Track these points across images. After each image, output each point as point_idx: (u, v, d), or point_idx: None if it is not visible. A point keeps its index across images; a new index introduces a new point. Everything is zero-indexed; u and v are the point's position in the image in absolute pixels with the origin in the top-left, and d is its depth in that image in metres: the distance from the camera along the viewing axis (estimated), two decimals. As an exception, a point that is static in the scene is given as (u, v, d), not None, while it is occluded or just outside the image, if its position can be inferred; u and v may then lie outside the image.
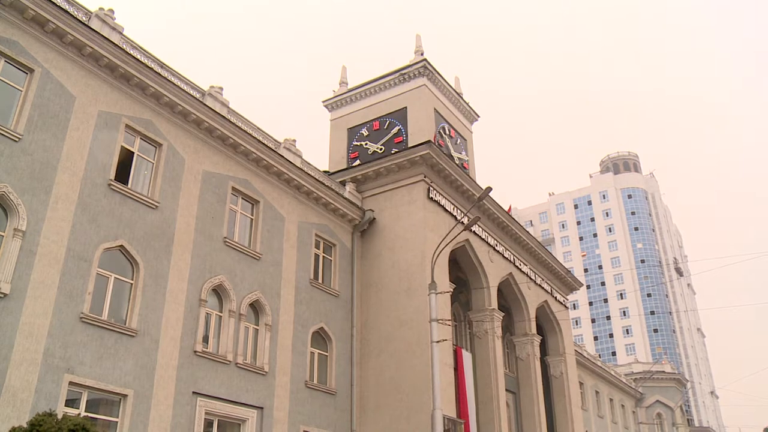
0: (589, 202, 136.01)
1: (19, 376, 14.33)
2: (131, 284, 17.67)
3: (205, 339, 19.44)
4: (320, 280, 24.71)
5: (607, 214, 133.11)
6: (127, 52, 18.45)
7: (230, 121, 21.55)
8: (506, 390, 30.55)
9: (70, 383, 15.34)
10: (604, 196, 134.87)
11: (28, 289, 14.97)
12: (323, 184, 25.22)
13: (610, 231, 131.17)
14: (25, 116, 15.93)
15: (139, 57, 18.97)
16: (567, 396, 36.79)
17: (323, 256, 25.42)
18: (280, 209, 23.49)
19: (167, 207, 19.16)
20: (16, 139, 15.58)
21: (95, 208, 17.03)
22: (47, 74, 16.69)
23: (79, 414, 13.07)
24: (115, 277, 17.30)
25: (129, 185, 18.32)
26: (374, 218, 26.84)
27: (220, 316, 20.20)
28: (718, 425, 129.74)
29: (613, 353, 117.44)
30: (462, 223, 24.85)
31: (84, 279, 16.26)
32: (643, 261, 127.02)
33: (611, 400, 54.05)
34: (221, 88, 22.11)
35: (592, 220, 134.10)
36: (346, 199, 26.23)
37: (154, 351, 17.55)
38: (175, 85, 19.83)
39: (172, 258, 18.81)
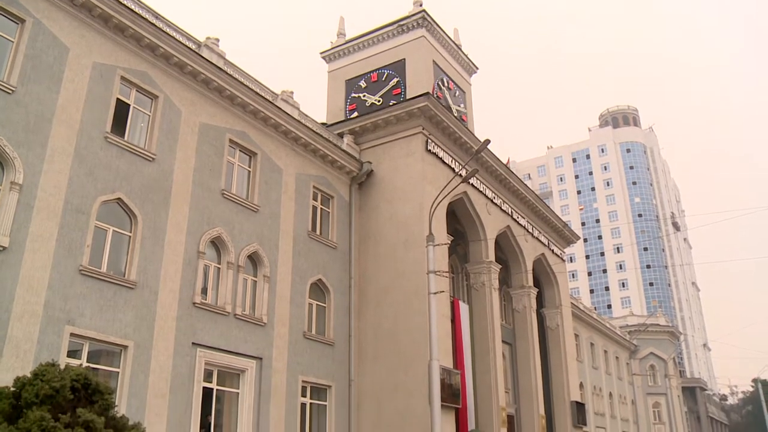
0: (588, 156, 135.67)
1: (20, 328, 14.46)
2: (130, 237, 17.71)
3: (204, 291, 19.57)
4: (318, 232, 24.79)
5: (605, 168, 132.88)
6: (120, 2, 18.13)
7: (227, 73, 21.33)
8: (502, 341, 30.92)
9: (71, 335, 15.49)
10: (602, 149, 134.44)
11: (26, 242, 15.00)
12: (321, 136, 25.10)
13: (608, 185, 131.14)
14: (17, 68, 15.73)
15: (133, 7, 18.64)
16: (562, 347, 37.27)
17: (321, 208, 25.45)
18: (278, 161, 23.42)
19: (164, 159, 19.09)
20: (10, 92, 15.42)
21: (92, 161, 16.96)
22: (39, 24, 16.42)
23: (81, 364, 13.23)
24: (113, 230, 17.32)
25: (125, 138, 18.20)
26: (372, 170, 26.79)
27: (219, 268, 20.30)
28: (709, 377, 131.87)
29: (609, 306, 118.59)
30: (460, 175, 24.82)
31: (82, 232, 16.28)
32: (640, 215, 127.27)
33: (606, 351, 54.78)
34: (217, 40, 21.83)
35: (590, 173, 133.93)
36: (343, 151, 26.14)
37: (153, 303, 17.69)
38: (170, 36, 19.56)
39: (170, 210, 18.81)
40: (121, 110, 18.37)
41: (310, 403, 22.81)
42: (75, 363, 13.68)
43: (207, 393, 18.99)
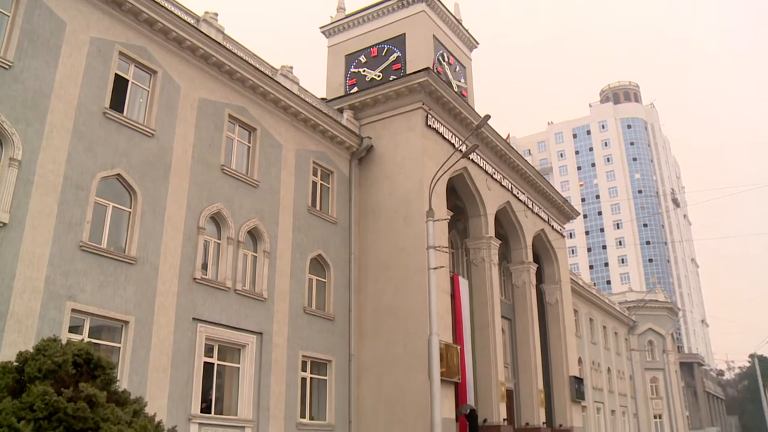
0: (588, 132, 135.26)
1: (22, 304, 14.53)
2: (129, 213, 17.71)
3: (204, 266, 19.63)
4: (318, 208, 24.79)
5: (605, 144, 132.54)
6: (117, -24, 17.98)
7: (226, 48, 21.19)
8: (502, 316, 31.05)
9: (73, 310, 15.57)
10: (603, 125, 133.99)
11: (26, 218, 15.00)
12: (321, 111, 25.00)
13: (609, 161, 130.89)
14: (14, 43, 15.60)
15: (130, -19, 18.48)
16: (561, 323, 37.46)
17: (321, 184, 25.43)
18: (278, 137, 23.36)
19: (164, 135, 19.03)
20: (7, 67, 15.32)
21: (91, 136, 16.90)
22: (34, -2, 16.27)
23: (83, 340, 13.26)
24: (113, 206, 17.32)
25: (124, 113, 18.13)
26: (372, 146, 26.73)
27: (219, 244, 20.34)
28: (707, 352, 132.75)
29: (608, 282, 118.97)
30: (460, 150, 24.78)
31: (82, 208, 16.28)
32: (640, 191, 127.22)
33: (604, 327, 55.06)
34: (216, 14, 21.63)
35: (591, 149, 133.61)
36: (343, 126, 26.07)
37: (153, 278, 17.75)
38: (168, 10, 19.39)
39: (169, 186, 18.80)
40: (120, 86, 18.28)
41: (311, 378, 22.98)
42: (76, 338, 13.74)
43: (208, 368, 19.13)
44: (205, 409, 18.88)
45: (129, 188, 17.72)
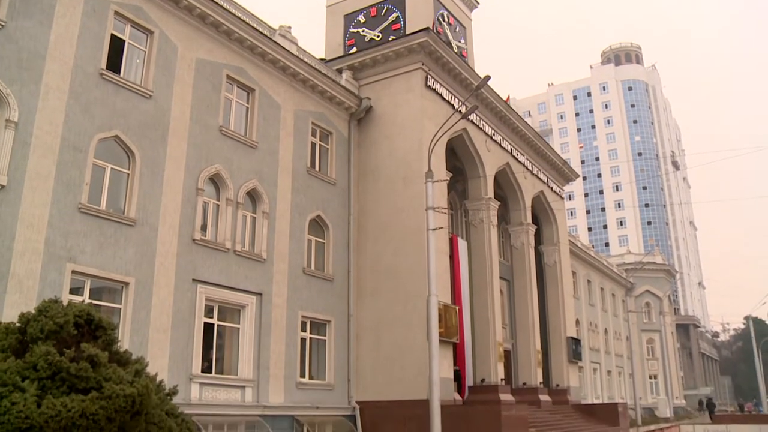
0: (589, 94, 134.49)
1: (23, 266, 14.57)
2: (128, 174, 17.65)
3: (204, 227, 19.65)
4: (317, 168, 24.73)
5: (606, 106, 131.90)
6: (111, -68, 17.63)
7: (223, 8, 20.89)
8: (500, 278, 31.21)
9: (73, 272, 15.62)
10: (604, 87, 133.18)
11: (25, 180, 14.95)
12: (319, 71, 24.78)
13: (609, 123, 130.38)
14: (6, 1, 15.29)
15: (124, -63, 18.15)
16: (559, 284, 37.67)
17: (320, 144, 25.32)
18: (276, 97, 23.19)
19: (161, 96, 18.88)
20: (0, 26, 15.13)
21: (88, 98, 16.75)
22: (27, -44, 15.97)
23: (84, 301, 13.34)
24: (111, 168, 17.25)
25: (121, 74, 17.93)
26: (371, 106, 26.56)
27: (218, 205, 20.33)
28: (702, 314, 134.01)
29: (606, 244, 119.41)
30: (460, 112, 24.63)
31: (80, 170, 16.21)
32: (640, 154, 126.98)
33: (602, 289, 55.40)
34: (212, -28, 21.30)
35: (591, 111, 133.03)
36: (342, 87, 25.86)
37: (153, 240, 17.77)
38: (163, -32, 19.10)
39: (168, 147, 18.71)
40: (116, 46, 18.04)
41: (310, 338, 23.18)
42: (77, 300, 13.81)
43: (208, 328, 19.28)
44: (206, 368, 19.08)
45: (127, 150, 17.63)
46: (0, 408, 8.62)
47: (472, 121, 28.45)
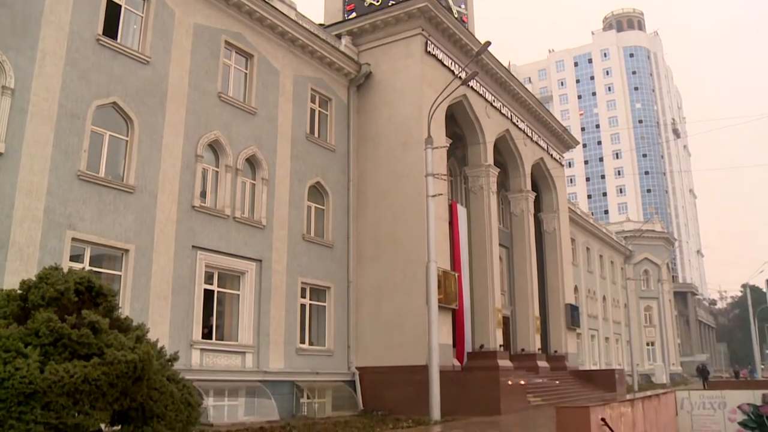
0: (590, 60, 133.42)
1: (22, 233, 14.56)
2: (126, 141, 17.56)
3: (203, 194, 19.61)
4: (316, 135, 24.62)
5: (607, 73, 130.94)
6: None
7: (220, -29, 20.62)
8: (499, 244, 31.29)
9: (73, 239, 15.62)
10: (605, 54, 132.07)
11: (23, 147, 14.85)
12: (318, 37, 24.53)
13: (610, 90, 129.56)
14: (-1, -35, 15.12)
15: None
16: (558, 251, 37.80)
17: (319, 111, 25.18)
18: (275, 63, 22.99)
19: (159, 62, 18.69)
20: (-8, -10, 14.91)
21: (84, 64, 16.57)
22: None
23: (84, 268, 13.37)
24: (109, 135, 17.15)
25: (118, 40, 17.73)
26: (371, 72, 26.35)
27: (217, 172, 20.27)
28: (701, 282, 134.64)
29: (606, 212, 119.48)
30: (460, 78, 24.46)
31: (79, 137, 16.11)
32: (641, 121, 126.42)
33: (601, 256, 55.59)
34: (209, -65, 20.96)
35: (592, 78, 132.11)
36: (341, 52, 25.63)
37: (152, 206, 17.75)
38: (159, -70, 18.77)
39: (166, 114, 18.59)
40: (112, 11, 17.79)
41: (310, 304, 23.30)
42: (78, 267, 13.84)
43: (208, 294, 19.36)
44: (206, 335, 19.20)
45: (125, 116, 17.52)
46: (4, 373, 8.68)
47: (472, 87, 28.27)
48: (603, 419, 11.38)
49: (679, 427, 19.38)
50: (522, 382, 22.61)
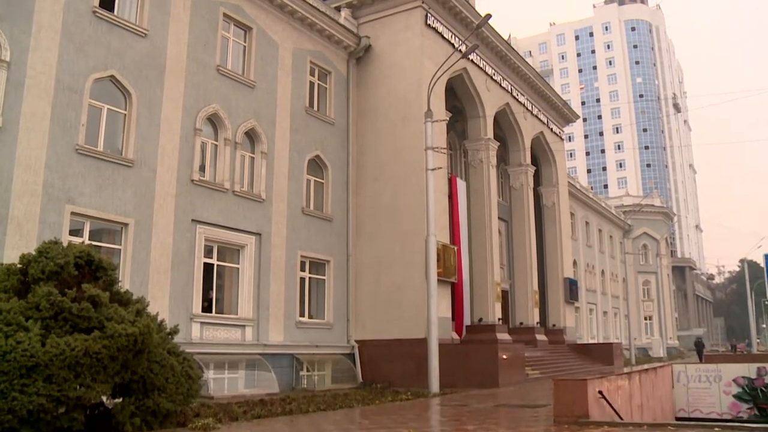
0: (591, 34, 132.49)
1: (21, 208, 14.54)
2: (125, 115, 17.46)
3: (202, 168, 19.57)
4: (316, 108, 24.51)
5: (608, 47, 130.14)
6: None
7: (217, -58, 20.37)
8: (499, 218, 31.29)
9: (72, 213, 15.60)
10: (606, 27, 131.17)
11: (20, 121, 14.77)
12: (317, 9, 24.29)
13: (611, 64, 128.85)
14: (-13, -67, 14.89)
15: None
16: (558, 225, 37.84)
17: (318, 84, 25.04)
18: (274, 36, 22.80)
19: (157, 35, 18.53)
20: (-15, -40, 14.73)
21: (81, 36, 16.42)
22: None
23: (83, 242, 13.38)
24: (108, 108, 17.04)
25: (115, 12, 17.55)
26: (370, 45, 26.15)
27: (216, 145, 20.21)
28: (699, 257, 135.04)
29: (605, 186, 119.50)
30: (460, 51, 24.29)
31: (76, 110, 16.01)
32: (641, 95, 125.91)
33: (600, 230, 55.65)
34: None
35: (593, 52, 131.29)
36: (341, 25, 25.41)
37: (151, 180, 17.71)
38: None
39: (164, 87, 18.46)
40: (109, -18, 17.62)
41: (309, 277, 23.37)
42: (77, 241, 13.84)
43: (208, 268, 19.41)
44: (206, 308, 19.29)
45: (123, 90, 17.41)
46: (5, 346, 8.75)
47: (472, 60, 28.08)
48: (600, 392, 11.50)
49: (675, 399, 19.56)
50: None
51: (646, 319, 64.83)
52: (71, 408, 9.20)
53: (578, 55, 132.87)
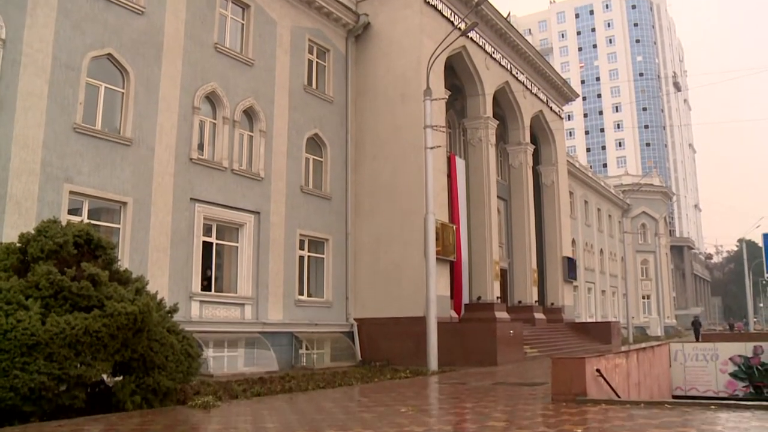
0: (591, 12, 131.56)
1: (20, 187, 14.52)
2: (123, 93, 17.38)
3: (200, 146, 19.52)
4: (314, 86, 24.40)
5: (608, 25, 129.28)
6: None
7: None
8: (498, 197, 31.28)
9: (71, 192, 15.59)
10: (607, 5, 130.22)
11: (17, 99, 14.69)
12: (315, -13, 24.11)
13: (611, 42, 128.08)
14: None
15: None
16: (556, 204, 37.83)
17: (317, 62, 24.90)
18: (272, 13, 22.63)
19: (154, 12, 18.38)
20: (-19, -65, 14.56)
21: (78, 14, 16.28)
22: None
23: (82, 221, 13.36)
24: (105, 87, 16.96)
25: (111, -12, 17.42)
26: (369, 23, 25.98)
27: (214, 123, 20.14)
28: (697, 236, 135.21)
29: (605, 165, 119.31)
30: (459, 29, 24.11)
31: (74, 89, 15.93)
32: (641, 74, 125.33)
33: (599, 209, 55.69)
34: None
35: (593, 30, 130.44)
36: (340, 2, 25.19)
37: (150, 159, 17.67)
38: None
39: (162, 65, 18.36)
40: (105, -42, 17.42)
41: (308, 256, 23.41)
42: (76, 220, 13.84)
43: (207, 247, 19.44)
44: (206, 287, 19.34)
45: (121, 68, 17.31)
46: (6, 325, 8.77)
47: (471, 38, 27.90)
48: (598, 370, 11.56)
49: (672, 378, 19.70)
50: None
51: (644, 298, 65.07)
52: (72, 386, 9.25)
53: (578, 33, 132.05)
